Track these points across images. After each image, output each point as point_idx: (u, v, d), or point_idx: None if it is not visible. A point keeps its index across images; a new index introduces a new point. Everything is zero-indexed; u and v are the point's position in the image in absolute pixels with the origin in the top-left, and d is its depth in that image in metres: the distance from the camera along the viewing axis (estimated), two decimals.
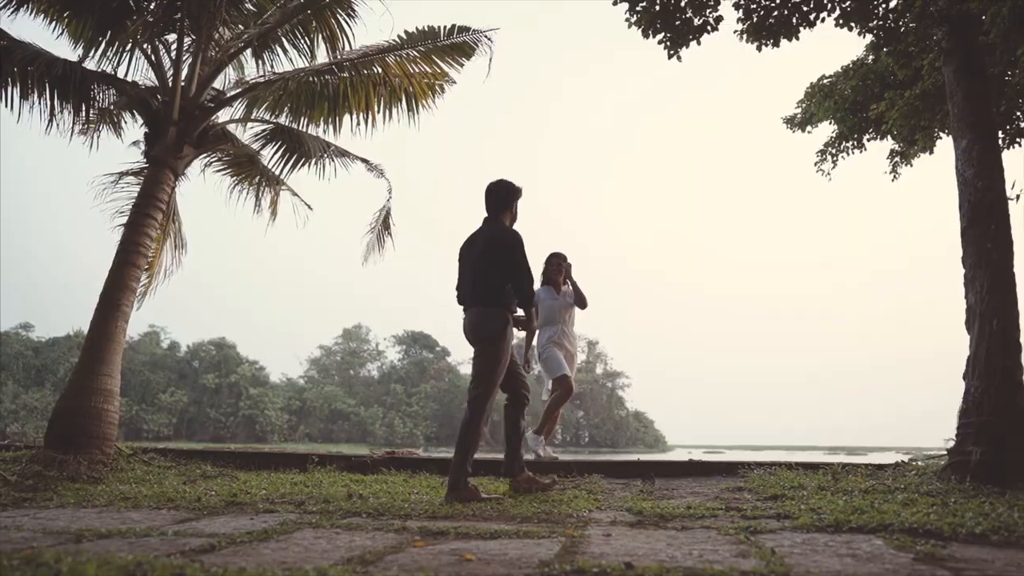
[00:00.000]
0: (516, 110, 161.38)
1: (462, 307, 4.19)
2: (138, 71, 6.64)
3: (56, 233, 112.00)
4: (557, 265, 6.34)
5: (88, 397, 5.27)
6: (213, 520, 2.95)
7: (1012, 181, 4.67)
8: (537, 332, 6.09)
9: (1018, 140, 6.86)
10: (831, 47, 8.56)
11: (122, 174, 7.38)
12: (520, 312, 4.23)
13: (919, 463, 5.10)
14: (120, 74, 6.48)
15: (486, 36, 7.01)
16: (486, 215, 4.27)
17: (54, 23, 6.41)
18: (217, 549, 2.22)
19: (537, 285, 6.00)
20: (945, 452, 4.49)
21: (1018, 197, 4.68)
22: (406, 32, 6.94)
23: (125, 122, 7.30)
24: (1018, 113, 6.80)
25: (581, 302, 6.32)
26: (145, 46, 6.32)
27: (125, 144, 7.25)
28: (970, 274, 4.53)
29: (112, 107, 6.89)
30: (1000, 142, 6.31)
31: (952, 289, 4.66)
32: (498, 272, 4.01)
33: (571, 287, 6.34)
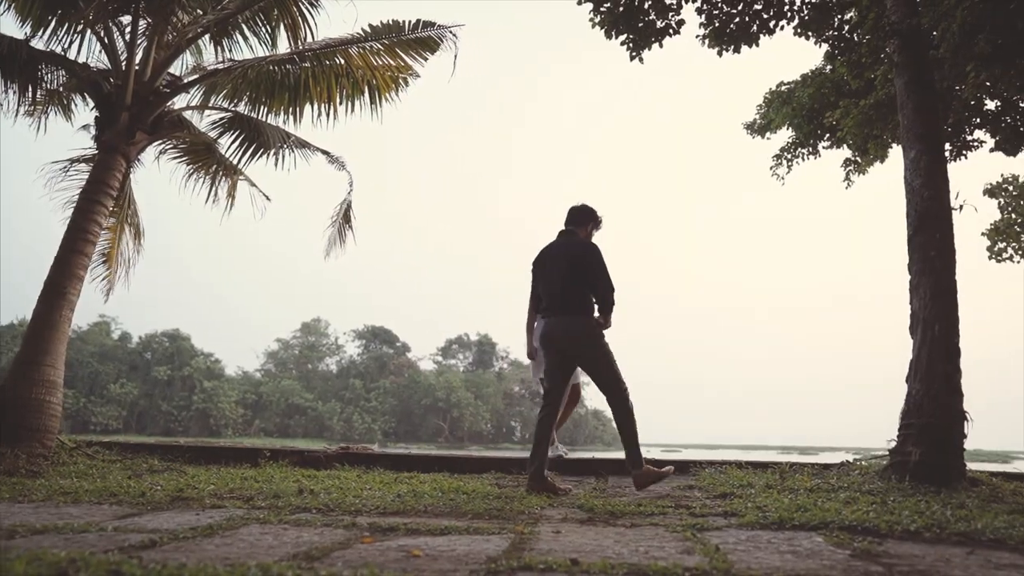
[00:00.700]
0: (488, 107, 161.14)
1: (542, 315, 4.49)
2: (90, 53, 6.43)
3: None
4: None
5: (29, 388, 5.09)
6: (157, 515, 2.88)
7: (956, 191, 4.83)
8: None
9: (964, 153, 7.12)
10: (793, 55, 8.74)
11: (73, 160, 7.16)
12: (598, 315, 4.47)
13: (863, 463, 5.25)
14: (71, 55, 6.27)
15: (451, 32, 6.98)
16: (564, 228, 4.62)
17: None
18: (158, 545, 2.17)
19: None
20: (887, 453, 4.63)
21: (961, 207, 4.85)
22: (370, 25, 6.88)
23: (76, 105, 7.08)
24: (966, 127, 7.05)
25: None
26: (98, 27, 6.12)
27: (75, 128, 7.04)
28: (915, 280, 4.68)
29: (62, 89, 6.67)
30: (948, 154, 6.54)
31: (897, 293, 4.82)
32: (586, 282, 4.33)
33: None
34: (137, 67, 6.13)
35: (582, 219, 4.60)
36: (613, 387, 4.24)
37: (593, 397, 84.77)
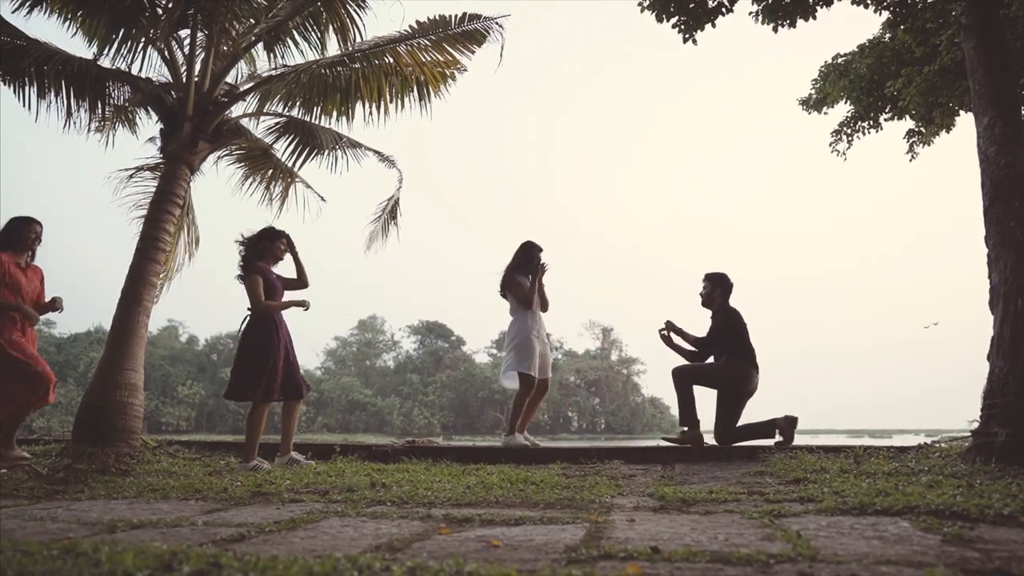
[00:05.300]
0: (536, 96, 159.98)
1: (752, 365, 6.05)
2: (152, 67, 6.68)
3: (72, 230, 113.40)
4: (538, 258, 6.44)
5: (113, 391, 5.35)
6: (241, 510, 2.99)
7: None
8: (517, 317, 6.25)
9: None
10: (850, 26, 8.43)
11: (137, 169, 7.46)
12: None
13: (942, 445, 5.06)
14: (134, 71, 6.52)
15: (497, 23, 7.00)
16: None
17: (68, 22, 6.45)
18: (247, 538, 2.26)
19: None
20: (969, 434, 4.45)
21: None
22: (417, 22, 6.95)
23: (140, 119, 7.35)
24: None
25: (544, 305, 6.44)
26: (158, 43, 6.35)
27: (140, 141, 7.33)
28: (993, 253, 4.47)
29: (127, 104, 6.94)
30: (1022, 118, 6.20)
31: (971, 267, 4.60)
32: None
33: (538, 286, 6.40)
34: (196, 79, 6.33)
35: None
36: None
37: (650, 385, 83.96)
